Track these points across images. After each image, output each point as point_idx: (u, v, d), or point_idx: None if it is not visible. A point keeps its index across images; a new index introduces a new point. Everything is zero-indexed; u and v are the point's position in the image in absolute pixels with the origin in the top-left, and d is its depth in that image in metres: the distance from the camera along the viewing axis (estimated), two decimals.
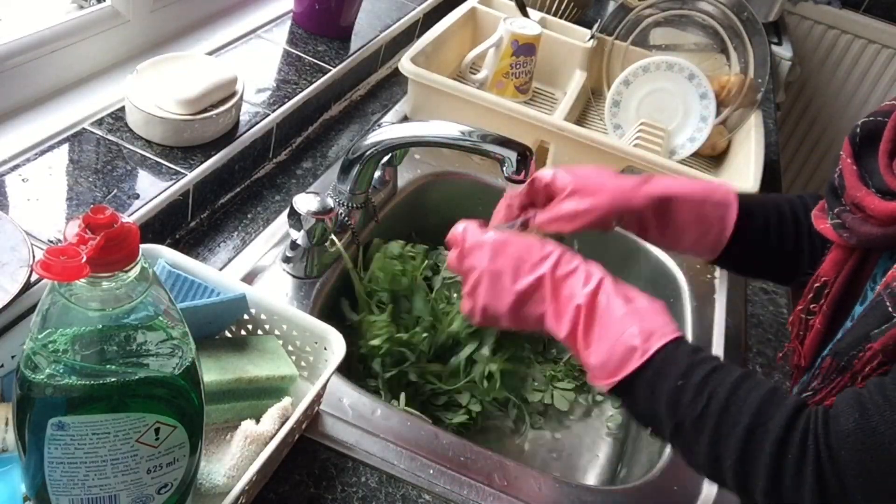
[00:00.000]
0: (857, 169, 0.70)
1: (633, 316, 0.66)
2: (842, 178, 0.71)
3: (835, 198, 0.72)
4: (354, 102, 1.21)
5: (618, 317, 0.66)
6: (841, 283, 0.73)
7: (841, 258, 0.73)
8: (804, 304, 0.77)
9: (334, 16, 1.16)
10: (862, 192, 0.68)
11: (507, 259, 0.71)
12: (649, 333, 0.64)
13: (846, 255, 0.72)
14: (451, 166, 1.12)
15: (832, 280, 0.73)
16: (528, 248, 0.72)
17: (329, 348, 0.70)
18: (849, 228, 0.69)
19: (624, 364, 0.64)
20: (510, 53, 1.26)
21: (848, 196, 0.69)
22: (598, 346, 0.65)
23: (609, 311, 0.66)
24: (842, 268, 0.72)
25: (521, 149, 0.79)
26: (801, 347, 0.81)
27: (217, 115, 0.88)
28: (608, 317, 0.66)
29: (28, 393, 0.46)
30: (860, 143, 0.72)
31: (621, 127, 1.28)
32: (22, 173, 0.78)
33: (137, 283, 0.46)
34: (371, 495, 0.67)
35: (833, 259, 0.74)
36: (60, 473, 0.48)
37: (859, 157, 0.71)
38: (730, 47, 1.33)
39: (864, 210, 0.67)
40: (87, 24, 0.90)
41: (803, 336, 0.80)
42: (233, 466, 0.60)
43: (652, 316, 0.66)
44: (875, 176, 0.68)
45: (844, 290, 0.74)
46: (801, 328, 0.79)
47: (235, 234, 0.89)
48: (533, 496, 0.71)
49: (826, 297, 0.74)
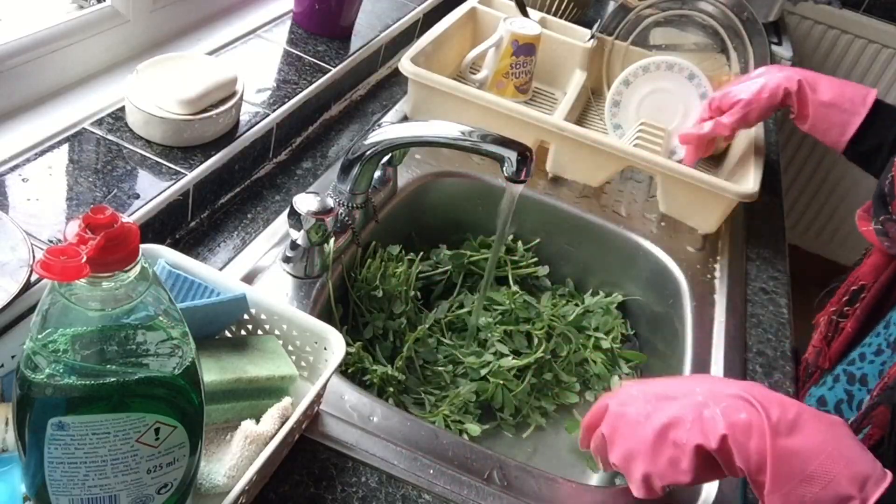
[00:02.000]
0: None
1: (837, 453, 0.55)
2: (892, 186, 0.69)
3: (882, 205, 0.70)
4: (354, 102, 1.21)
5: (818, 452, 0.55)
6: (879, 288, 0.71)
7: (881, 263, 0.71)
8: (838, 305, 0.76)
9: (334, 16, 1.16)
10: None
11: None
12: (863, 480, 0.54)
13: (887, 260, 0.70)
14: (451, 166, 1.12)
15: (870, 284, 0.72)
16: None
17: (329, 348, 0.70)
18: (892, 238, 0.67)
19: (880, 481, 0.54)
20: (510, 53, 1.26)
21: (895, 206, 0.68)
22: (797, 489, 0.54)
23: (805, 450, 0.55)
24: (881, 273, 0.71)
25: (521, 149, 0.79)
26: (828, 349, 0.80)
27: (217, 115, 0.88)
28: (805, 458, 0.55)
29: (28, 393, 0.46)
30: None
31: (621, 127, 1.28)
32: (22, 173, 0.78)
33: (137, 283, 0.46)
34: (371, 495, 0.67)
35: (873, 263, 0.72)
36: (60, 473, 0.48)
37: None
38: (730, 47, 1.33)
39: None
40: (87, 24, 0.90)
41: (831, 338, 0.78)
42: (233, 466, 0.60)
43: (858, 454, 0.55)
44: None
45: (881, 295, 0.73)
46: (831, 330, 0.77)
47: (235, 234, 0.89)
48: (533, 496, 0.71)
49: (862, 300, 0.73)
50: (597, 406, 0.67)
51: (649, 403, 0.62)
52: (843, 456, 0.54)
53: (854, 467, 0.54)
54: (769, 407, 0.56)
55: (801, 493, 0.54)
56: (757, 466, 0.55)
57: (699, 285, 1.04)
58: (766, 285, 1.08)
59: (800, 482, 0.54)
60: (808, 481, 0.54)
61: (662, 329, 1.05)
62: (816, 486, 0.53)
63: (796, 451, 0.54)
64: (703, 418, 0.58)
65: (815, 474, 0.53)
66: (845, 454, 0.54)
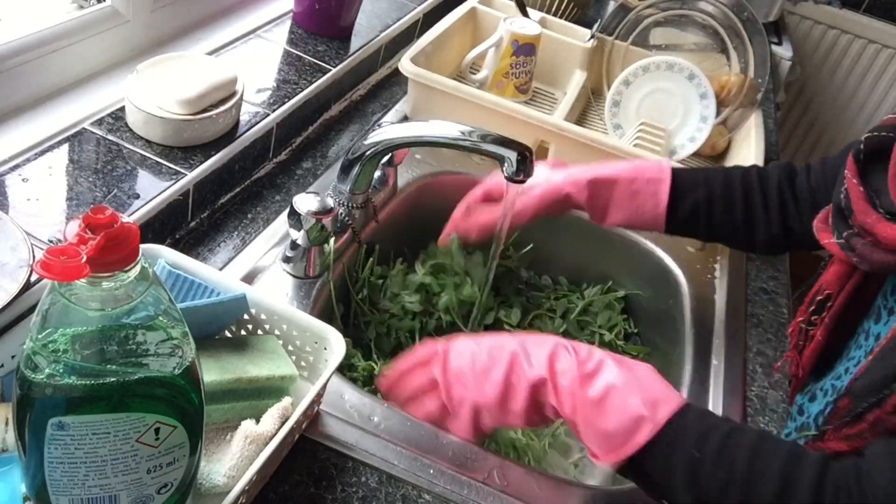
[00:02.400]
0: (864, 190, 0.67)
1: (633, 384, 0.62)
2: (848, 199, 0.68)
3: (842, 219, 0.69)
4: (354, 102, 1.21)
5: (618, 386, 0.62)
6: (845, 297, 0.71)
7: (845, 272, 0.70)
8: (805, 315, 0.76)
9: (334, 16, 1.16)
10: (872, 218, 0.65)
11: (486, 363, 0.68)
12: (654, 402, 0.60)
13: (850, 269, 0.70)
14: (451, 166, 1.12)
15: (836, 293, 0.72)
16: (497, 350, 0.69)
17: (329, 348, 0.70)
18: (860, 255, 0.66)
19: (631, 437, 0.59)
20: (510, 53, 1.26)
21: (857, 220, 0.67)
22: (599, 418, 0.61)
23: (607, 381, 0.62)
24: (846, 282, 0.71)
25: (521, 149, 0.79)
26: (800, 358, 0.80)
27: (217, 115, 0.88)
28: (607, 387, 0.62)
29: (28, 393, 0.46)
30: (864, 161, 0.69)
31: (621, 127, 1.28)
32: (22, 173, 0.78)
33: (137, 283, 0.46)
34: (371, 495, 0.67)
35: (837, 272, 0.72)
36: (60, 473, 0.48)
37: (865, 175, 0.68)
38: (730, 47, 1.33)
39: (875, 236, 0.64)
40: (87, 24, 0.90)
41: (803, 346, 0.79)
42: (233, 466, 0.60)
43: (652, 383, 0.63)
44: (883, 196, 0.65)
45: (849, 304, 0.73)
46: (802, 338, 0.78)
47: (235, 234, 0.89)
48: (533, 496, 0.71)
49: (828, 310, 0.73)
50: (425, 351, 0.73)
51: (484, 353, 0.69)
52: (640, 386, 0.62)
53: (649, 394, 0.61)
54: (578, 351, 0.65)
55: (602, 426, 0.61)
56: (571, 409, 0.63)
57: (699, 285, 1.04)
58: (766, 285, 1.08)
59: (599, 415, 0.61)
60: (606, 413, 0.61)
61: (663, 329, 1.05)
62: (613, 416, 0.60)
63: (598, 388, 0.62)
64: (531, 363, 0.66)
65: (611, 407, 0.61)
66: (643, 385, 0.62)
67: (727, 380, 0.90)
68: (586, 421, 0.62)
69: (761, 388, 0.91)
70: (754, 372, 0.93)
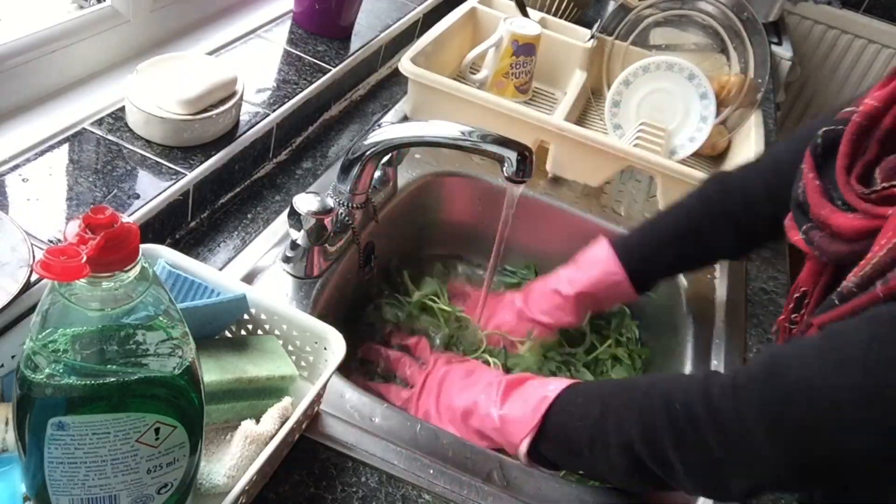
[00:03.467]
0: (820, 184, 0.68)
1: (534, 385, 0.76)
2: (805, 194, 0.70)
3: (801, 213, 0.71)
4: (354, 102, 1.21)
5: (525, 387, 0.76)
6: (819, 293, 0.72)
7: (817, 268, 0.72)
8: (786, 314, 0.77)
9: (334, 16, 1.16)
10: (826, 210, 0.66)
11: None
12: (548, 384, 0.74)
13: (822, 265, 0.71)
14: (451, 166, 1.12)
15: (811, 290, 0.73)
16: None
17: (329, 348, 0.70)
18: (818, 247, 0.68)
19: (537, 411, 0.71)
20: (510, 53, 1.26)
21: (813, 213, 0.68)
22: (513, 406, 0.75)
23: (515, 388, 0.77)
24: (819, 278, 0.71)
25: (521, 149, 0.79)
26: None
27: (217, 115, 0.88)
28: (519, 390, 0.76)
29: (28, 393, 0.46)
30: (822, 155, 0.70)
31: (621, 127, 1.28)
32: (22, 173, 0.78)
33: (137, 283, 0.46)
34: (371, 495, 0.67)
35: (810, 269, 0.73)
36: (60, 473, 0.48)
37: (821, 169, 0.70)
38: (730, 47, 1.33)
39: (831, 227, 0.65)
40: (87, 24, 0.90)
41: None
42: (233, 466, 0.60)
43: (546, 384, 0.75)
44: (838, 189, 0.66)
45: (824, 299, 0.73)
46: (787, 336, 0.78)
47: (235, 234, 0.89)
48: (533, 496, 0.71)
49: (806, 306, 0.74)
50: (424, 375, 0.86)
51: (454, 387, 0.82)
52: (472, 389, 0.79)
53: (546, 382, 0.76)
54: None
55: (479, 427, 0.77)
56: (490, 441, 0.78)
57: (699, 285, 1.04)
58: (766, 285, 1.08)
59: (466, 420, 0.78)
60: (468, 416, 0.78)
61: (663, 329, 1.05)
62: (476, 417, 0.77)
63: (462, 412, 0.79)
64: None
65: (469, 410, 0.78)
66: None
67: None
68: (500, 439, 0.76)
69: None
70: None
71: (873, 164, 0.65)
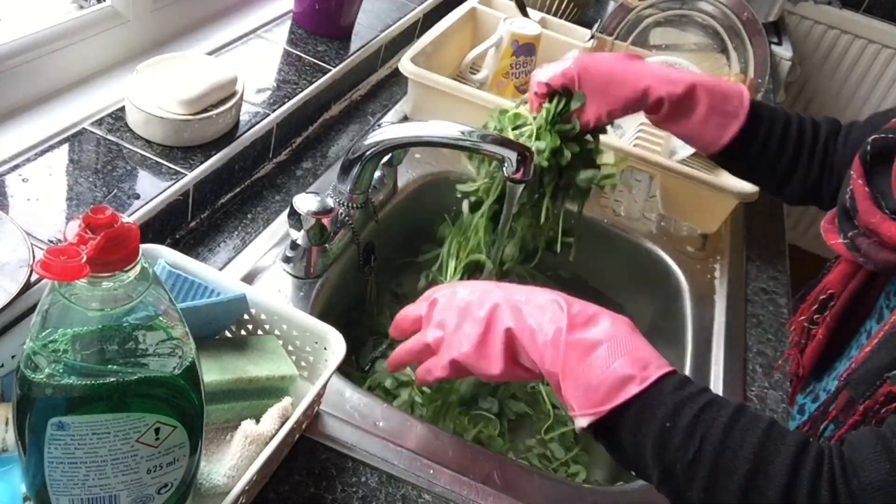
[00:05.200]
0: (870, 191, 0.68)
1: (623, 342, 0.60)
2: (854, 200, 0.69)
3: (847, 219, 0.70)
4: (354, 102, 1.21)
5: (608, 340, 0.60)
6: (847, 297, 0.72)
7: (849, 272, 0.71)
8: (807, 313, 0.76)
9: (334, 16, 1.16)
10: (877, 218, 0.65)
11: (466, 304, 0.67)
12: (644, 362, 0.58)
13: (854, 269, 0.70)
14: (451, 166, 1.12)
15: (839, 293, 0.72)
16: None
17: (329, 348, 0.70)
18: (864, 254, 0.67)
19: (615, 393, 0.57)
20: (510, 53, 1.26)
21: (861, 220, 0.67)
22: (584, 370, 0.59)
23: (597, 335, 0.60)
24: (849, 282, 0.71)
25: (521, 149, 0.79)
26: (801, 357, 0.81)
27: (217, 115, 0.88)
28: (595, 340, 0.60)
29: (28, 393, 0.46)
30: (871, 162, 0.69)
31: (621, 127, 1.28)
32: (22, 173, 0.78)
33: (137, 283, 0.46)
34: (371, 495, 0.67)
35: (842, 272, 0.72)
36: (60, 473, 0.48)
37: (871, 177, 0.69)
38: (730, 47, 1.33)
39: (880, 235, 0.65)
40: (87, 24, 0.90)
41: (804, 345, 0.79)
42: (233, 466, 0.60)
43: (642, 344, 0.60)
44: (889, 198, 0.66)
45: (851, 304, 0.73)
46: (803, 337, 0.78)
47: (235, 234, 0.89)
48: (533, 496, 0.71)
49: (831, 308, 0.73)
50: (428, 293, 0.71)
51: (471, 295, 0.66)
52: (629, 344, 0.59)
53: (638, 353, 0.58)
54: (571, 305, 0.62)
55: (587, 376, 0.58)
56: (552, 361, 0.60)
57: (699, 285, 1.04)
58: (766, 285, 1.09)
59: (586, 366, 0.58)
60: (594, 364, 0.58)
61: (662, 329, 1.05)
62: (601, 369, 0.58)
63: (586, 340, 0.59)
64: (515, 311, 0.63)
65: (599, 359, 0.58)
66: (631, 343, 0.59)
67: (727, 380, 0.90)
68: (569, 372, 0.59)
69: (761, 389, 0.91)
70: (754, 372, 0.93)
71: None
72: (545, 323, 0.61)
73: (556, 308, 0.62)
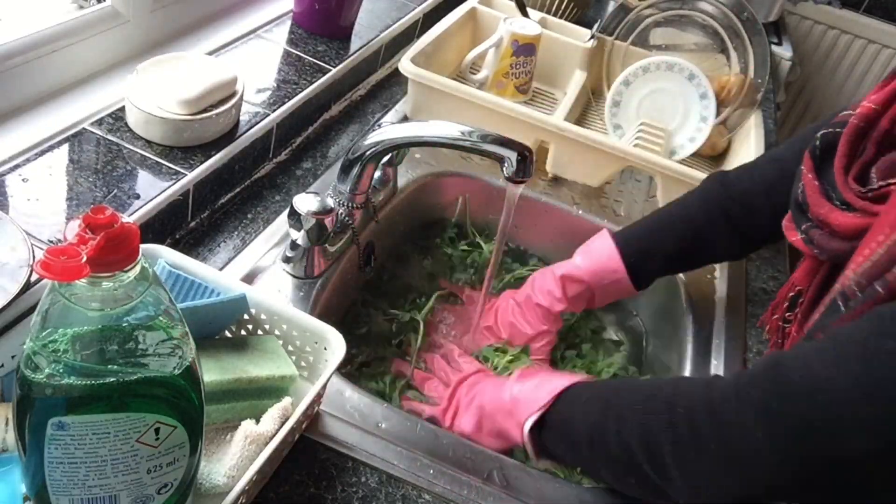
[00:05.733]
0: (819, 184, 0.70)
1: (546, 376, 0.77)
2: (804, 194, 0.71)
3: (801, 213, 0.72)
4: (354, 102, 1.21)
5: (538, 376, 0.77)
6: (814, 292, 0.73)
7: (813, 267, 0.73)
8: (780, 312, 0.78)
9: (334, 16, 1.16)
10: (825, 209, 0.68)
11: None
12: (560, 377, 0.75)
13: (818, 264, 0.72)
14: (451, 166, 1.12)
15: (806, 289, 0.74)
16: None
17: (329, 348, 0.70)
18: (818, 245, 0.69)
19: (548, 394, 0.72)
20: (510, 53, 1.26)
21: (813, 212, 0.70)
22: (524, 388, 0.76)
23: None
24: (814, 276, 0.72)
25: (521, 149, 0.79)
26: None
27: (217, 115, 0.88)
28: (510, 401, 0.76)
29: (28, 393, 0.46)
30: (821, 157, 0.71)
31: (621, 127, 1.28)
32: (22, 173, 0.78)
33: (137, 283, 0.46)
34: (371, 495, 0.67)
35: (806, 268, 0.74)
36: (60, 473, 0.48)
37: (820, 170, 0.71)
38: (730, 47, 1.33)
39: (830, 226, 0.67)
40: (87, 24, 0.90)
41: (781, 344, 0.80)
42: (233, 466, 0.60)
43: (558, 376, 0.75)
44: (836, 189, 0.68)
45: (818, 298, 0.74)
46: (779, 336, 0.79)
47: (235, 234, 0.89)
48: (533, 496, 0.71)
49: (800, 305, 0.74)
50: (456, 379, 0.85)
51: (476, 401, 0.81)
52: (504, 408, 0.76)
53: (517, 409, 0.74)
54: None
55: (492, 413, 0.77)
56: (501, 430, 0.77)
57: (699, 285, 1.04)
58: (766, 285, 1.08)
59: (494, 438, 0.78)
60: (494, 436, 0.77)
61: (662, 329, 1.05)
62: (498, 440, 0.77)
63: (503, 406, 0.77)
64: None
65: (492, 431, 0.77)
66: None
67: None
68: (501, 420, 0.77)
69: None
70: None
71: (870, 165, 0.66)
72: None
73: None
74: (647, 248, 0.92)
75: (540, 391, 0.74)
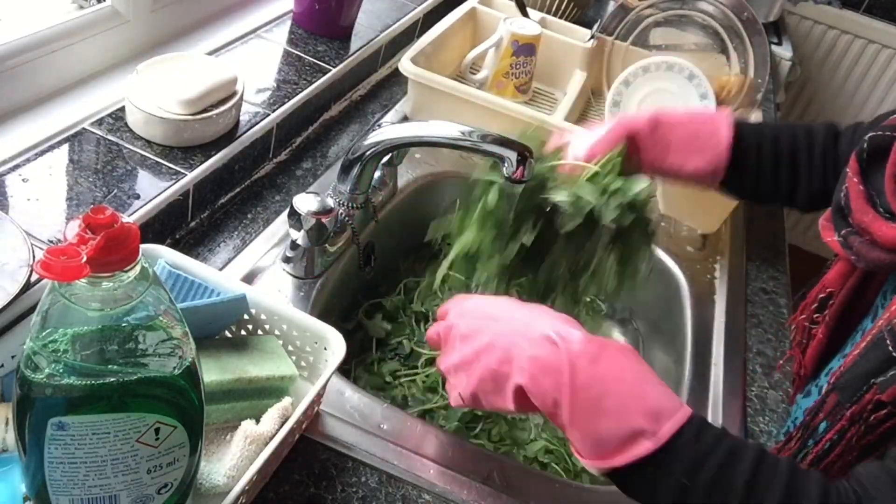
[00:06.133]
0: (865, 189, 0.67)
1: (635, 384, 0.56)
2: (848, 198, 0.68)
3: (841, 217, 0.69)
4: (354, 102, 1.21)
5: (618, 384, 0.56)
6: (846, 295, 0.71)
7: (847, 270, 0.71)
8: (808, 313, 0.76)
9: (334, 16, 1.16)
10: (869, 217, 0.65)
11: None
12: (657, 414, 0.54)
13: (852, 267, 0.70)
14: (451, 166, 1.12)
15: (837, 291, 0.72)
16: None
17: (329, 348, 0.70)
18: (857, 252, 0.66)
19: (625, 448, 0.54)
20: (510, 53, 1.26)
21: (854, 219, 0.67)
22: (592, 418, 0.55)
23: (605, 378, 0.56)
24: (847, 280, 0.71)
25: (521, 149, 0.79)
26: (803, 357, 0.80)
27: (217, 115, 0.88)
28: (600, 393, 0.55)
29: (28, 393, 0.46)
30: (868, 160, 0.68)
31: None
32: (22, 173, 0.78)
33: (137, 283, 0.46)
34: (371, 495, 0.67)
35: (839, 271, 0.72)
36: (60, 473, 0.48)
37: (866, 175, 0.68)
38: (730, 47, 1.33)
39: (872, 234, 0.64)
40: (87, 24, 0.90)
41: (805, 345, 0.79)
42: (233, 466, 0.60)
43: (654, 387, 0.56)
44: (882, 196, 0.65)
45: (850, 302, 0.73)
46: (804, 337, 0.78)
47: (235, 234, 0.89)
48: (533, 496, 0.71)
49: (830, 307, 0.73)
50: (442, 307, 0.68)
51: (477, 320, 0.63)
52: (640, 390, 0.55)
53: (648, 402, 0.55)
54: (570, 342, 0.57)
55: (595, 427, 0.55)
56: (553, 403, 0.56)
57: (699, 285, 1.04)
58: (766, 285, 1.09)
59: (594, 416, 0.55)
60: (602, 415, 0.55)
61: (663, 329, 1.05)
62: (611, 421, 0.54)
63: (593, 386, 0.55)
64: (511, 357, 0.59)
65: (609, 408, 0.54)
66: (642, 389, 0.56)
67: (727, 380, 0.90)
68: (576, 422, 0.55)
69: (761, 389, 0.91)
70: (754, 372, 0.93)
71: None
72: (545, 370, 0.57)
73: (552, 348, 0.58)
74: (756, 130, 0.83)
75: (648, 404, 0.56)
